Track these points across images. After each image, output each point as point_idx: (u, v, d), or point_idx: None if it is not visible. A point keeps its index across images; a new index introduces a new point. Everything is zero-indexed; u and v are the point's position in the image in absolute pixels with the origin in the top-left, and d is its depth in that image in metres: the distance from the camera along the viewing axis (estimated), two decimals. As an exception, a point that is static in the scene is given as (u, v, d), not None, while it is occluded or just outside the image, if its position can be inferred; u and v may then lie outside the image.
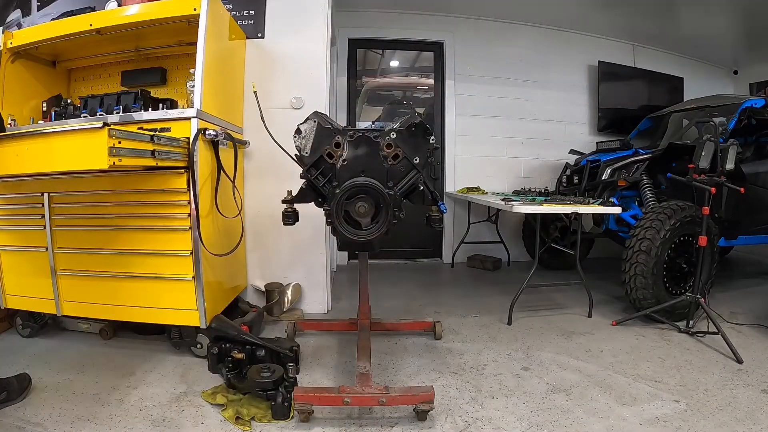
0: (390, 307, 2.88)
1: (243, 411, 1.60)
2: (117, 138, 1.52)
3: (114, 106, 2.21)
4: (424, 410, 1.57)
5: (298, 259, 2.73)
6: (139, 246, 2.00)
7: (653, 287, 2.50)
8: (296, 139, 1.63)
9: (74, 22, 2.19)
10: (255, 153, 2.63)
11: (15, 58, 2.33)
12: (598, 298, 2.88)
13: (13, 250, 2.20)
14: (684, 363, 2.06)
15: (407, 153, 1.59)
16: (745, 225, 3.08)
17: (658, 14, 4.02)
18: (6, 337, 2.32)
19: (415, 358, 2.12)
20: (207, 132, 2.00)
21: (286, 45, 2.64)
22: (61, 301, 2.14)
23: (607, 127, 4.50)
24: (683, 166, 2.60)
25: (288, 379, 1.69)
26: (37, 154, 1.60)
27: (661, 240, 2.47)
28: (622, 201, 3.10)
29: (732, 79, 5.21)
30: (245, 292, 2.71)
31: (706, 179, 2.30)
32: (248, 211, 2.60)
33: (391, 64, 4.56)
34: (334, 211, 1.56)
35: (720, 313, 2.52)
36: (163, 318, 2.04)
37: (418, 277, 3.81)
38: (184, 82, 2.20)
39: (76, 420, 1.57)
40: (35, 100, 2.42)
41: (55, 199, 2.08)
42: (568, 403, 1.71)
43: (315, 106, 2.45)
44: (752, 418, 1.60)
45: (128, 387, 1.81)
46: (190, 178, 1.91)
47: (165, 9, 2.09)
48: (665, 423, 1.57)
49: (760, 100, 3.07)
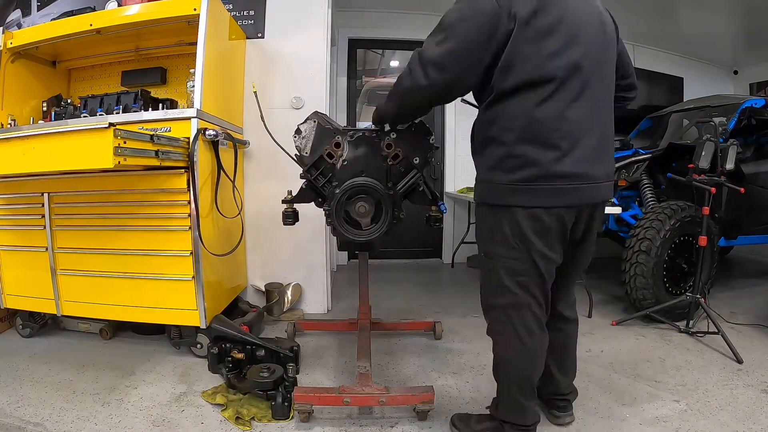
0: (390, 307, 2.87)
1: (243, 411, 1.60)
2: (122, 138, 1.54)
3: (114, 106, 2.21)
4: (424, 410, 1.57)
5: (298, 259, 2.73)
6: (139, 246, 2.00)
7: (653, 287, 2.49)
8: (296, 139, 1.63)
9: (74, 22, 2.19)
10: (255, 153, 2.63)
11: (15, 58, 2.33)
12: (598, 298, 2.88)
13: (13, 250, 2.20)
14: (684, 363, 2.06)
15: (407, 153, 1.59)
16: (745, 225, 3.07)
17: (658, 14, 4.02)
18: (6, 337, 2.32)
19: (415, 358, 2.12)
20: (207, 132, 2.00)
21: (286, 45, 2.64)
22: (61, 301, 2.14)
23: (607, 127, 4.49)
24: (683, 166, 2.59)
25: (288, 379, 1.69)
26: (43, 154, 1.60)
27: (661, 240, 2.47)
28: (622, 201, 3.10)
29: (732, 79, 5.21)
30: (245, 292, 2.71)
31: (706, 179, 2.30)
32: (248, 211, 2.60)
33: (391, 64, 4.56)
34: (334, 211, 1.56)
35: (720, 313, 2.52)
36: (163, 318, 2.04)
37: (418, 277, 3.80)
38: (184, 82, 2.20)
39: (76, 420, 1.57)
40: (35, 100, 2.42)
41: (55, 199, 2.08)
42: (568, 403, 1.71)
43: (315, 106, 2.45)
44: (752, 418, 1.60)
45: (128, 387, 1.81)
46: (190, 178, 1.91)
47: (165, 9, 2.09)
48: (665, 423, 1.57)
49: (760, 100, 3.07)
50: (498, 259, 1.28)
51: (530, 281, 1.26)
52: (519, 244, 1.23)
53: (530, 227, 1.21)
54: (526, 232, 1.21)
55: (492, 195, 1.26)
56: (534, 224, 1.21)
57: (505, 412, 1.40)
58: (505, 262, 1.26)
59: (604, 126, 1.25)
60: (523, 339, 1.29)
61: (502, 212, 1.24)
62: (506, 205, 1.23)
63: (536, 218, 1.20)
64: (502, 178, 1.22)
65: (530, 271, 1.25)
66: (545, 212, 1.19)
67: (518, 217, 1.21)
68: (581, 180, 1.19)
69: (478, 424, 1.48)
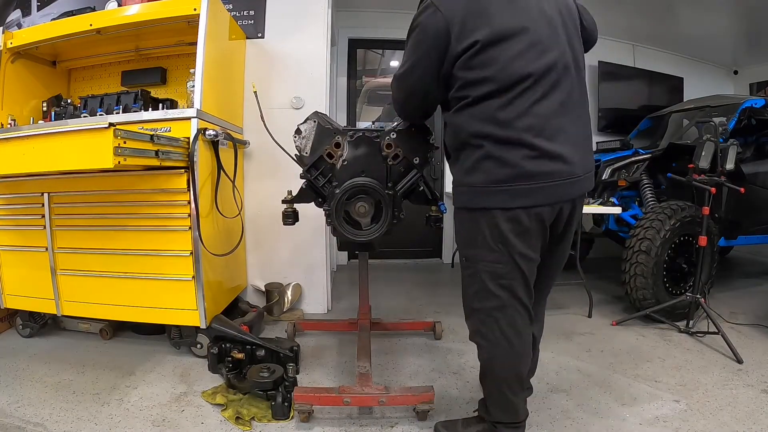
0: (390, 307, 2.87)
1: (243, 411, 1.60)
2: (122, 138, 1.54)
3: (114, 106, 2.22)
4: (424, 410, 1.57)
5: (298, 259, 2.73)
6: (139, 246, 2.00)
7: (653, 287, 2.50)
8: (296, 139, 1.63)
9: (74, 22, 2.19)
10: (255, 153, 2.63)
11: (15, 58, 2.33)
12: (598, 298, 2.88)
13: (13, 250, 2.20)
14: (684, 363, 2.06)
15: (407, 153, 1.59)
16: (745, 225, 3.07)
17: (658, 14, 4.01)
18: (6, 337, 2.32)
19: (415, 358, 2.12)
20: (207, 132, 2.00)
21: (286, 45, 2.64)
22: (61, 301, 2.14)
23: (607, 127, 4.49)
24: (683, 166, 2.59)
25: (288, 379, 1.69)
26: (43, 154, 1.60)
27: (661, 240, 2.47)
28: (622, 201, 3.10)
29: (732, 79, 5.20)
30: (245, 292, 2.71)
31: (706, 179, 2.30)
32: (248, 211, 2.60)
33: (391, 64, 4.55)
34: (333, 211, 1.56)
35: (720, 313, 2.52)
36: (163, 318, 2.04)
37: (418, 277, 3.81)
38: (184, 82, 2.20)
39: (76, 420, 1.57)
40: (35, 100, 2.42)
41: (55, 199, 2.08)
42: (568, 403, 1.71)
43: (315, 106, 2.45)
44: (752, 418, 1.60)
45: (128, 387, 1.81)
46: (190, 178, 1.91)
47: (165, 9, 2.09)
48: (665, 423, 1.58)
49: (760, 100, 3.07)
50: (479, 263, 1.26)
51: (514, 283, 1.25)
52: (500, 246, 1.22)
53: (510, 229, 1.20)
54: (506, 234, 1.20)
55: (469, 199, 1.26)
56: (513, 226, 1.20)
57: (497, 413, 1.39)
58: (487, 266, 1.25)
59: (578, 119, 1.24)
60: (511, 339, 1.29)
61: (481, 215, 1.23)
62: (485, 207, 1.22)
63: (515, 220, 1.19)
64: (478, 181, 1.21)
65: (513, 273, 1.24)
66: (524, 212, 1.18)
67: (498, 220, 1.20)
68: (559, 176, 1.18)
69: (466, 428, 1.47)
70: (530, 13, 1.17)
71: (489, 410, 1.41)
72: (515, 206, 1.18)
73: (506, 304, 1.27)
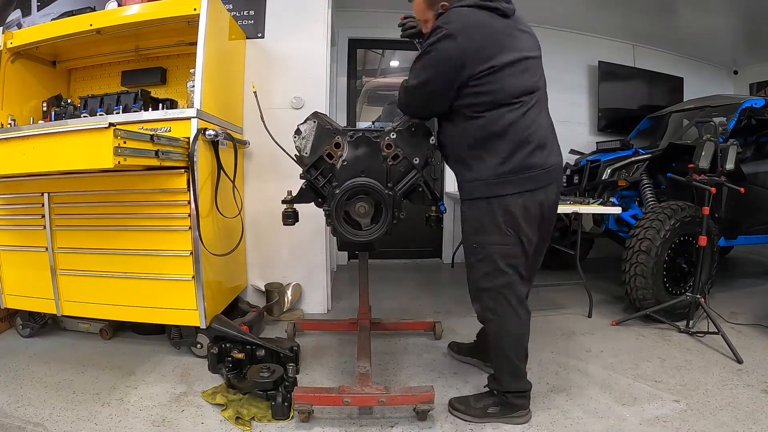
0: (390, 307, 2.87)
1: (243, 411, 1.60)
2: (122, 138, 1.54)
3: (114, 106, 2.21)
4: (424, 410, 1.57)
5: (298, 259, 2.73)
6: (139, 246, 2.00)
7: (653, 287, 2.50)
8: (296, 139, 1.63)
9: (74, 22, 2.19)
10: (255, 153, 2.63)
11: (15, 58, 2.33)
12: (598, 298, 2.88)
13: (13, 250, 2.20)
14: (684, 363, 2.06)
15: (407, 153, 1.59)
16: (745, 225, 3.08)
17: (658, 14, 4.01)
18: (6, 337, 2.32)
19: (415, 358, 2.12)
20: (207, 132, 2.00)
21: (286, 45, 2.64)
22: (61, 301, 2.14)
23: (607, 127, 4.49)
24: (683, 166, 2.60)
25: (288, 379, 1.69)
26: (43, 154, 1.61)
27: (661, 240, 2.47)
28: (622, 201, 3.10)
29: (732, 79, 5.21)
30: (245, 292, 2.71)
31: (706, 179, 2.30)
32: (248, 211, 2.60)
33: (391, 64, 4.56)
34: (333, 211, 1.57)
35: (720, 313, 2.52)
36: (163, 318, 2.04)
37: (418, 277, 3.81)
38: (184, 82, 2.20)
39: (76, 420, 1.57)
40: (35, 100, 2.42)
41: (55, 199, 2.08)
42: (568, 403, 1.72)
43: (315, 106, 2.45)
44: (752, 418, 1.60)
45: (128, 387, 1.81)
46: (190, 178, 1.91)
47: (165, 9, 2.09)
48: (665, 423, 1.58)
49: (760, 100, 3.07)
50: (492, 246, 1.49)
51: (519, 261, 1.51)
52: (510, 231, 1.47)
53: (521, 215, 1.46)
54: (518, 219, 1.46)
55: (483, 190, 1.48)
56: (523, 212, 1.46)
57: (507, 382, 1.58)
58: (500, 249, 1.49)
59: (551, 125, 1.57)
60: (518, 311, 1.54)
61: (497, 203, 1.46)
62: (498, 195, 1.45)
63: (523, 205, 1.45)
64: (491, 174, 1.45)
65: (520, 253, 1.50)
66: (531, 197, 1.45)
67: (511, 208, 1.45)
68: (549, 165, 1.49)
69: (479, 402, 1.62)
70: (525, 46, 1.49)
71: (500, 381, 1.59)
72: (524, 190, 1.44)
73: (514, 280, 1.52)
